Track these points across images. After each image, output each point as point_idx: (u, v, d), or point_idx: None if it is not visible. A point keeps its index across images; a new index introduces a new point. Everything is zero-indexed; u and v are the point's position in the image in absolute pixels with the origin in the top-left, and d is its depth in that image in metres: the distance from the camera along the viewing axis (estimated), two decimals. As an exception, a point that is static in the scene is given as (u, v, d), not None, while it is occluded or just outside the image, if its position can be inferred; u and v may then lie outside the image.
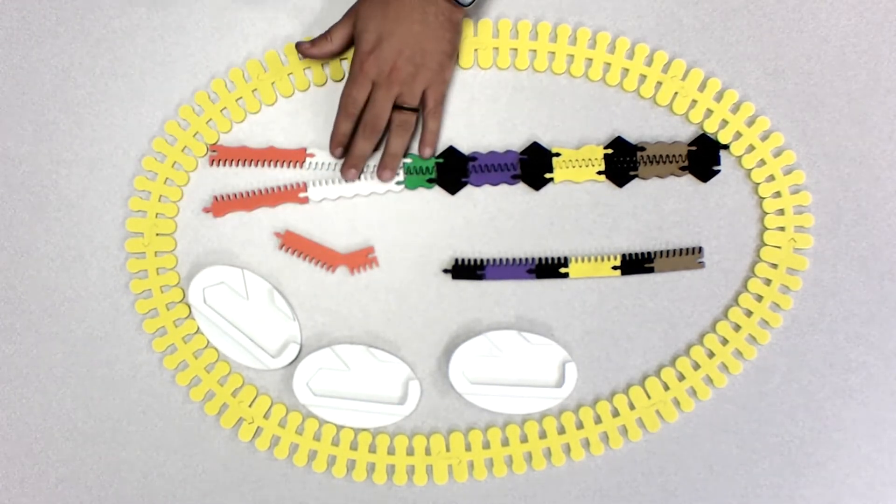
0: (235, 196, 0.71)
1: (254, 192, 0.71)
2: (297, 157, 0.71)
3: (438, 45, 0.65)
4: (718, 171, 0.70)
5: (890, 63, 0.70)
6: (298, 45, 0.68)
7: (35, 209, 0.72)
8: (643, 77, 0.70)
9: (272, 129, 0.71)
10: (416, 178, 0.70)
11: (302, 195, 0.71)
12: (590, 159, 0.70)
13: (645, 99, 0.70)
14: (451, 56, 0.67)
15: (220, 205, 0.71)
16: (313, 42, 0.68)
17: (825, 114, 0.70)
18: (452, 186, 0.71)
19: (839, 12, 0.70)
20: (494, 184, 0.70)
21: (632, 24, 0.70)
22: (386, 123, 0.67)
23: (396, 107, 0.67)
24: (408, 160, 0.70)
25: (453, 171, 0.70)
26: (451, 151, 0.71)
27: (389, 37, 0.64)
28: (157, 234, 0.71)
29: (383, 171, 0.69)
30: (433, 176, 0.70)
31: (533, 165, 0.70)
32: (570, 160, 0.70)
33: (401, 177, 0.70)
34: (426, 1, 0.64)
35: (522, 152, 0.70)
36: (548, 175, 0.70)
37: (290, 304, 0.71)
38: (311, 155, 0.71)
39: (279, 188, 0.71)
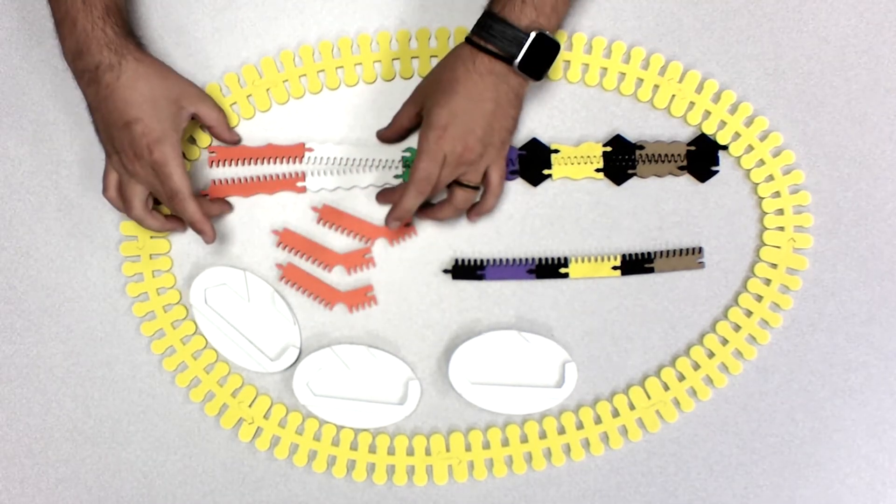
0: (233, 181, 0.72)
1: (252, 179, 0.72)
2: (295, 152, 0.72)
3: (505, 122, 0.66)
4: (717, 172, 0.71)
5: (890, 63, 0.71)
6: (377, 134, 0.71)
7: (35, 209, 0.73)
8: (640, 80, 0.71)
9: (269, 130, 0.73)
10: None
11: (300, 185, 0.72)
12: (588, 156, 0.71)
13: (643, 102, 0.72)
14: (513, 132, 0.68)
15: (218, 188, 0.72)
16: (387, 127, 0.70)
17: (825, 114, 0.71)
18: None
19: (839, 12, 0.72)
20: None
21: (631, 24, 0.72)
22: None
23: (457, 183, 0.67)
24: (407, 154, 0.72)
25: None
26: None
27: (463, 115, 0.63)
28: (151, 237, 0.72)
29: (392, 222, 0.67)
30: None
31: (532, 161, 0.72)
32: (569, 157, 0.71)
33: (399, 171, 0.72)
34: (499, 79, 0.64)
35: (521, 148, 0.72)
36: (546, 171, 0.72)
37: (291, 306, 0.72)
38: (310, 150, 0.72)
39: (278, 176, 0.72)
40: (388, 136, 0.71)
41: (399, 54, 0.71)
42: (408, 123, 0.69)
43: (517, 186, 0.72)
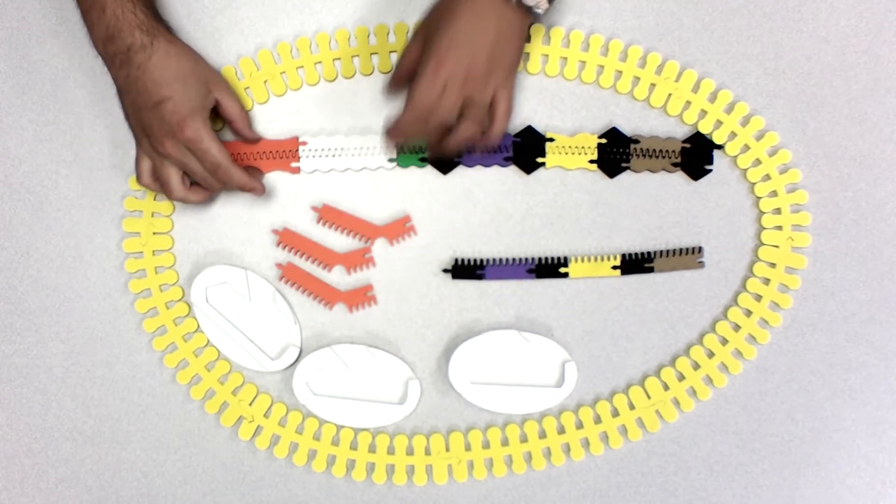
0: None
1: (246, 155, 0.74)
2: (290, 146, 0.74)
3: (510, 48, 0.66)
4: (710, 171, 0.73)
5: (890, 63, 0.73)
6: (388, 83, 0.71)
7: (35, 209, 0.75)
8: (637, 79, 0.73)
9: (268, 122, 0.74)
10: (409, 157, 0.74)
11: (294, 165, 0.74)
12: (583, 147, 0.73)
13: (639, 101, 0.73)
14: (516, 65, 0.68)
15: None
16: (394, 71, 0.70)
17: (825, 114, 0.73)
18: (445, 166, 0.74)
19: (839, 12, 0.73)
20: (487, 165, 0.73)
21: (631, 24, 0.73)
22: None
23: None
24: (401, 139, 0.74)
25: None
26: None
27: (466, 37, 0.64)
28: (154, 233, 0.74)
29: (388, 140, 0.68)
30: (426, 155, 0.74)
31: (526, 149, 0.73)
32: (564, 146, 0.73)
33: (394, 154, 0.74)
34: (499, 15, 0.64)
35: (516, 135, 0.74)
36: (540, 160, 0.73)
37: (292, 305, 0.74)
38: (304, 143, 0.74)
39: (272, 153, 0.74)
40: (397, 78, 0.70)
41: (396, 47, 0.73)
42: (415, 60, 0.67)
43: (516, 185, 0.74)
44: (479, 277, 0.74)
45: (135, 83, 0.66)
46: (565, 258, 0.74)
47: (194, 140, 0.66)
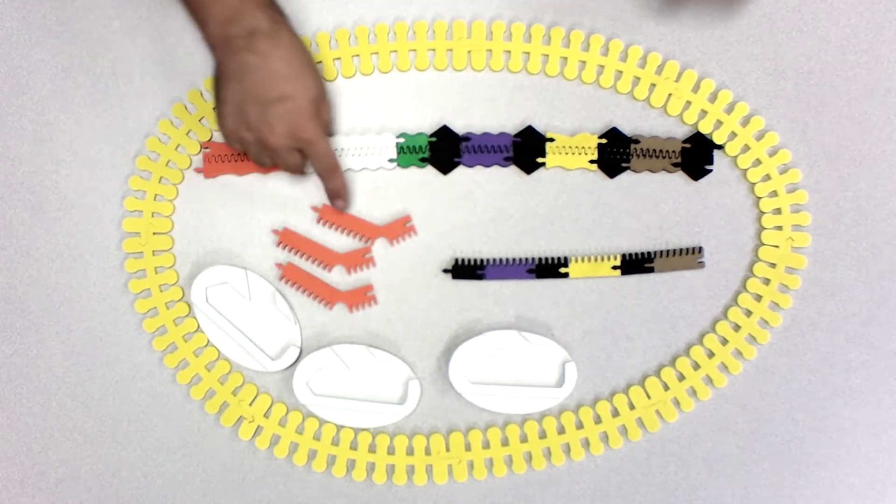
0: (228, 159, 0.75)
1: (245, 156, 0.74)
2: None
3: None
4: (710, 171, 0.73)
5: (890, 63, 0.74)
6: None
7: (35, 209, 0.75)
8: (637, 79, 0.74)
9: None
10: (409, 156, 0.74)
11: None
12: (583, 147, 0.74)
13: (639, 101, 0.74)
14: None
15: (212, 168, 0.74)
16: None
17: (825, 114, 0.74)
18: (445, 166, 0.74)
19: (839, 12, 0.74)
20: (487, 165, 0.74)
21: (631, 24, 0.74)
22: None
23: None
24: (401, 139, 0.74)
25: (446, 150, 0.74)
26: (445, 131, 0.74)
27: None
28: (154, 234, 0.75)
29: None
30: (426, 155, 0.74)
31: (526, 149, 0.74)
32: (564, 146, 0.74)
33: (393, 155, 0.74)
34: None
35: (516, 135, 0.74)
36: (540, 160, 0.74)
37: (292, 305, 0.75)
38: None
39: None
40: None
41: (397, 47, 0.74)
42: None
43: (516, 185, 0.74)
44: (479, 277, 0.74)
45: (253, 71, 0.64)
46: (565, 258, 0.74)
47: (312, 142, 0.66)
